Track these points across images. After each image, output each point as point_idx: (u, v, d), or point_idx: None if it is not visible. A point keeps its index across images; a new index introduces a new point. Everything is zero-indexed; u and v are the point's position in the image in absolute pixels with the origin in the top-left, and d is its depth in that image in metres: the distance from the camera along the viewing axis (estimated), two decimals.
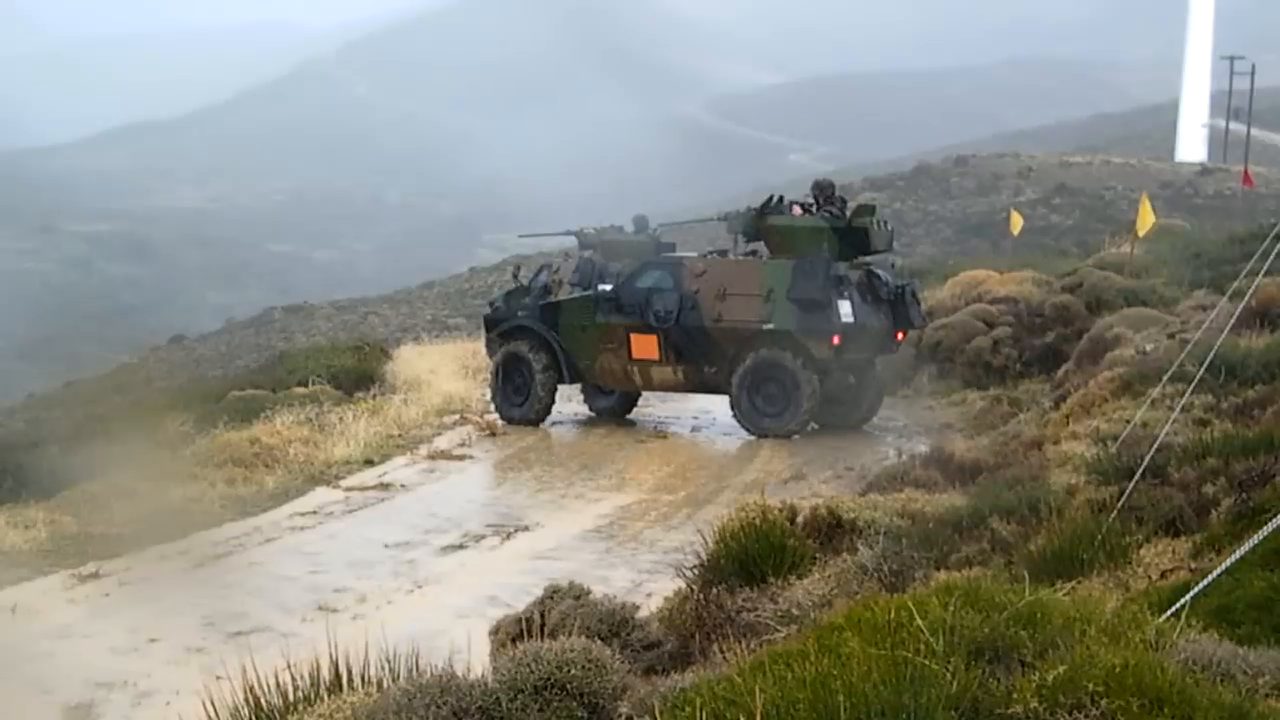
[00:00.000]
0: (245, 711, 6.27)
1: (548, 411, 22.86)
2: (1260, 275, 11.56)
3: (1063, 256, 38.77)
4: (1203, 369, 10.49)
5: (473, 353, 28.95)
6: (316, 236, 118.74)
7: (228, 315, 62.29)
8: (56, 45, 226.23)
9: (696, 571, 8.46)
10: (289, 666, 6.47)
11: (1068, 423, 14.05)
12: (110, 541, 14.20)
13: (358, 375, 27.00)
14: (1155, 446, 8.99)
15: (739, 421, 21.37)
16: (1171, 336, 17.98)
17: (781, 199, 22.02)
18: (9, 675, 9.78)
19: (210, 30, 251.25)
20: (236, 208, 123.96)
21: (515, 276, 25.09)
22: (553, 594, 8.08)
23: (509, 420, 22.62)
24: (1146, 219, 26.00)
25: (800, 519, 9.52)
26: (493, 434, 21.83)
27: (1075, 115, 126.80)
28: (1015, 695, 4.61)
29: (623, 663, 5.85)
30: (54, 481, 16.95)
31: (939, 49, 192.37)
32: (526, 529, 14.95)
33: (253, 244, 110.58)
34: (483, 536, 14.58)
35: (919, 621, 5.06)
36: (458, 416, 23.24)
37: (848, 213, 21.86)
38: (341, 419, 21.41)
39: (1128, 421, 11.81)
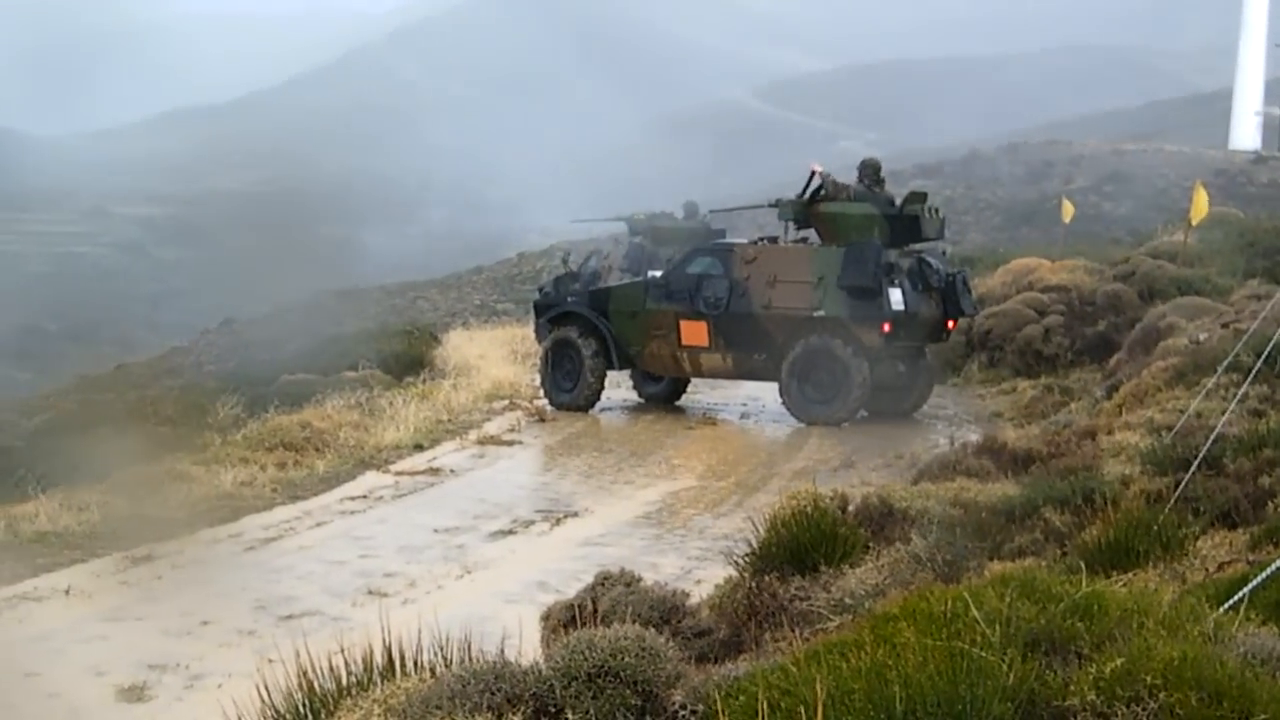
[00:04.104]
0: (298, 695, 6.27)
1: (597, 397, 22.88)
2: None
3: (1115, 244, 38.53)
4: (1261, 360, 10.40)
5: (522, 338, 29.01)
6: (366, 221, 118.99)
7: (278, 299, 62.36)
8: (109, 30, 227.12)
9: (747, 559, 8.43)
10: (342, 650, 6.47)
11: (1120, 412, 13.97)
12: (162, 524, 14.26)
13: (407, 360, 27.10)
14: (1212, 438, 8.93)
15: (788, 409, 21.34)
16: (1225, 326, 17.86)
17: (823, 183, 21.90)
18: (63, 657, 9.84)
19: (262, 15, 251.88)
20: (287, 192, 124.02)
21: (565, 262, 25.15)
22: (604, 581, 8.07)
23: (558, 406, 22.65)
24: (1201, 207, 25.76)
25: (852, 507, 9.49)
26: (542, 420, 21.87)
27: (1128, 103, 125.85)
28: (1072, 688, 4.58)
29: (675, 650, 5.84)
30: (106, 464, 17.01)
31: (991, 35, 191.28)
32: (575, 515, 14.96)
33: (303, 228, 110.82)
34: (532, 522, 14.59)
35: (974, 612, 5.03)
36: (507, 402, 23.28)
37: (885, 191, 21.81)
38: (391, 404, 21.49)
39: (1182, 412, 11.72)
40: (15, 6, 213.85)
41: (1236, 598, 5.63)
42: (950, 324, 22.13)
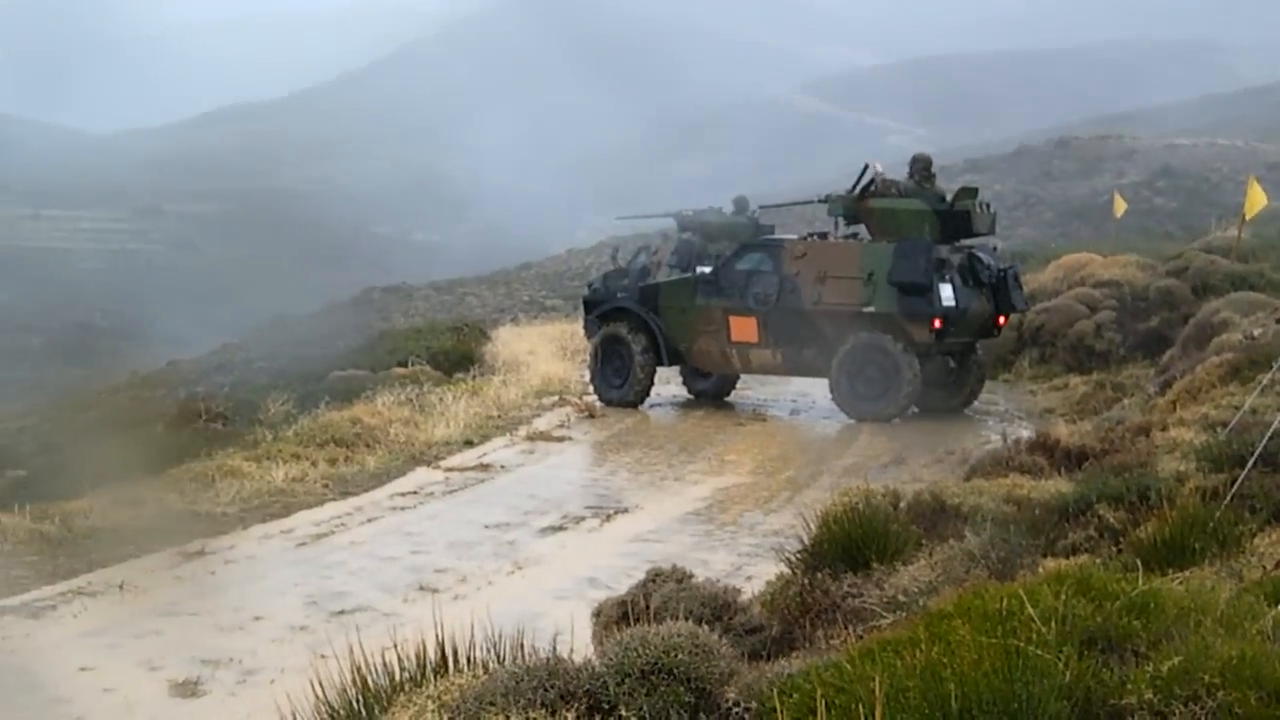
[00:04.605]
0: (352, 691, 6.29)
1: (646, 393, 22.89)
2: None
3: (1167, 240, 38.35)
4: None
5: (571, 334, 29.04)
6: (416, 218, 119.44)
7: (328, 296, 62.68)
8: (161, 29, 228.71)
9: (799, 556, 8.40)
10: (394, 646, 6.48)
11: (1174, 409, 13.87)
12: (215, 520, 14.34)
13: (457, 356, 27.15)
14: (1269, 434, 8.85)
15: (838, 405, 21.29)
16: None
17: (875, 178, 21.84)
18: (116, 652, 9.88)
19: (313, 12, 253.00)
20: (338, 189, 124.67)
21: (614, 258, 25.14)
22: (655, 577, 8.06)
23: (607, 402, 22.67)
24: (1256, 201, 25.56)
25: (904, 504, 9.46)
26: (591, 416, 21.88)
27: (1180, 97, 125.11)
28: (1129, 686, 4.55)
29: (728, 648, 5.83)
30: (159, 459, 17.11)
31: (1041, 30, 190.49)
32: (626, 511, 14.94)
33: (353, 225, 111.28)
34: (582, 518, 14.59)
35: (1029, 610, 5.01)
36: (556, 398, 23.32)
37: (935, 187, 21.73)
38: (441, 400, 21.54)
39: (1237, 408, 11.63)
40: (73, 6, 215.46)
41: None
42: (1001, 320, 22.05)
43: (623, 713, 5.29)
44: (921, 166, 21.85)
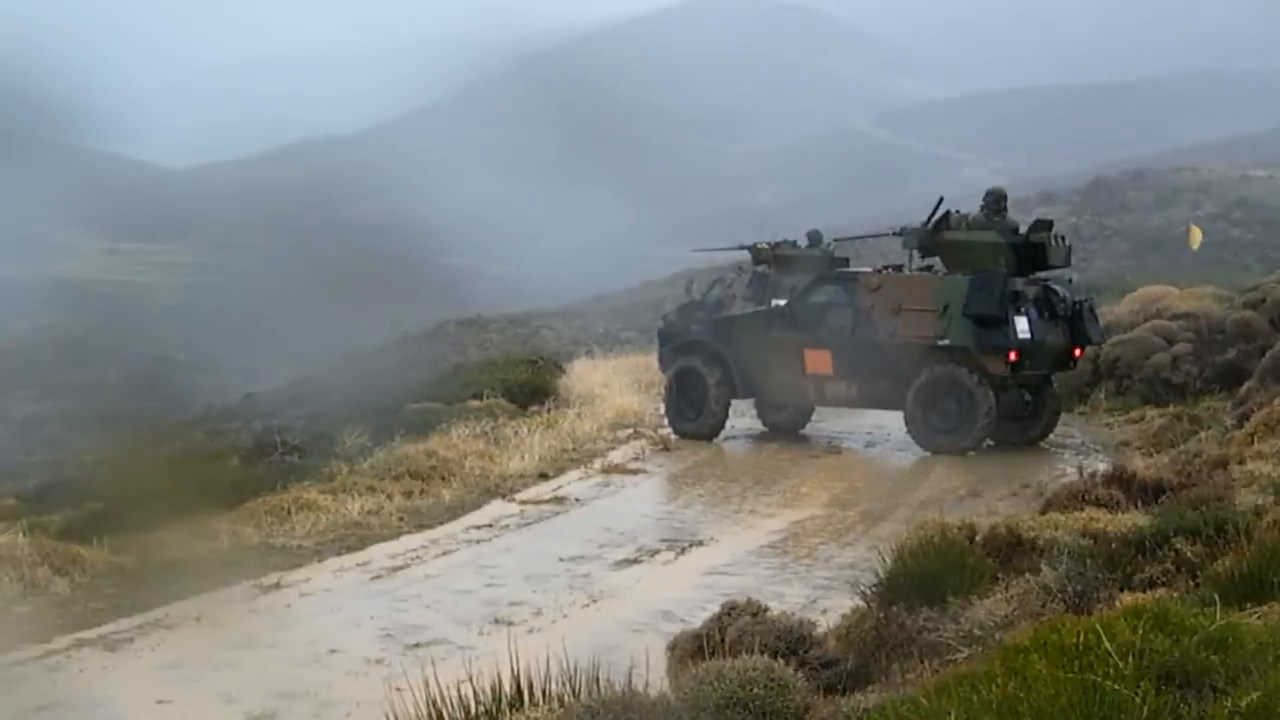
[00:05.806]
0: None
1: (721, 426, 22.85)
2: None
3: (1244, 271, 38.05)
4: None
5: (645, 367, 29.00)
6: (490, 250, 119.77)
7: (403, 328, 62.95)
8: (237, 62, 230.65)
9: (874, 589, 8.38)
10: (470, 679, 6.50)
11: (1252, 441, 13.76)
12: (291, 553, 14.42)
13: (532, 389, 27.13)
14: None
15: (913, 438, 21.19)
16: None
17: (949, 212, 21.76)
18: (194, 684, 9.95)
19: (385, 47, 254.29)
20: (412, 222, 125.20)
21: (688, 291, 25.08)
22: (730, 610, 8.06)
23: (682, 434, 22.65)
24: None
25: (979, 537, 9.42)
26: (666, 448, 21.87)
27: (1256, 128, 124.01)
28: None
29: (803, 681, 5.82)
30: (235, 493, 17.20)
31: (1116, 63, 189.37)
32: (700, 544, 14.93)
33: (427, 258, 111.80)
34: (657, 551, 14.58)
35: (1106, 644, 4.98)
36: (631, 431, 23.29)
37: (1007, 219, 21.63)
38: (516, 433, 21.56)
39: None
40: (147, 42, 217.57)
41: None
42: (1077, 352, 21.90)
43: None
44: (993, 200, 21.74)
